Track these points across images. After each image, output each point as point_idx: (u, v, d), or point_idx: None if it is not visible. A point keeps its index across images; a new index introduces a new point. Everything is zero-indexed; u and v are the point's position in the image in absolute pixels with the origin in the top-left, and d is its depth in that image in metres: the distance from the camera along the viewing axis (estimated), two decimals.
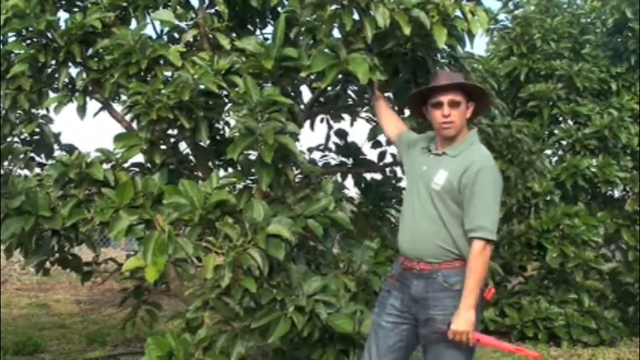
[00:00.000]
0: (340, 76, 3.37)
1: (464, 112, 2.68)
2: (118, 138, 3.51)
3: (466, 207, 2.56)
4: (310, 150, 4.49)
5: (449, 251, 2.60)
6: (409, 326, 2.67)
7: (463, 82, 2.71)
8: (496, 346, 2.67)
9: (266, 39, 3.70)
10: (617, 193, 6.84)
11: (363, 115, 4.25)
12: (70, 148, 4.06)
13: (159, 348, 3.10)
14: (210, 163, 3.94)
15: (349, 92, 4.05)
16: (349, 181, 4.48)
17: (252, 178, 3.71)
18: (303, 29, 3.34)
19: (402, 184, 4.50)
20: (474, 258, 2.52)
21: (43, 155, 4.07)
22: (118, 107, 3.85)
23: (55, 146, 4.07)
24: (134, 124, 3.64)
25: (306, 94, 3.92)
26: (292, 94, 3.55)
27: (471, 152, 2.65)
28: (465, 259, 2.59)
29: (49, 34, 3.52)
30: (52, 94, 3.74)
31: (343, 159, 4.48)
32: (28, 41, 3.57)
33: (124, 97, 3.66)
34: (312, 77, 3.42)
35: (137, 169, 3.73)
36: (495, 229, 2.55)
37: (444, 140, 2.71)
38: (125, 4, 3.65)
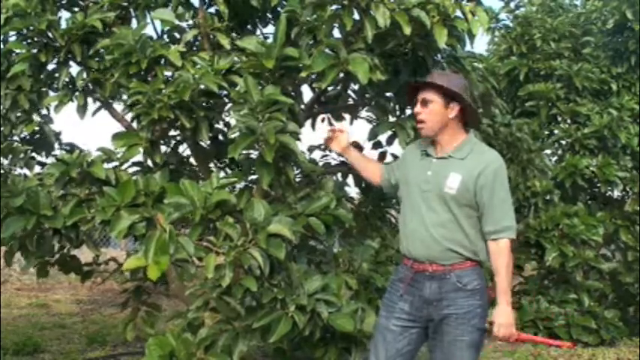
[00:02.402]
0: (341, 75, 3.37)
1: (437, 112, 2.67)
2: (116, 137, 3.50)
3: (487, 209, 2.58)
4: (311, 150, 4.49)
5: (461, 254, 2.63)
6: (418, 329, 2.69)
7: (432, 80, 2.69)
8: (535, 341, 2.74)
9: (266, 39, 3.71)
10: (616, 193, 6.84)
11: (364, 114, 4.26)
12: (70, 147, 4.07)
13: (160, 348, 3.10)
14: (210, 163, 3.95)
15: (350, 92, 4.06)
16: (350, 181, 4.48)
17: (252, 177, 3.71)
18: (303, 29, 3.35)
19: None
20: (503, 256, 2.59)
21: (43, 154, 4.07)
22: (118, 107, 3.87)
23: (56, 145, 4.08)
24: (134, 124, 3.64)
25: (307, 94, 3.93)
26: (293, 93, 3.55)
27: (479, 153, 2.66)
28: (478, 259, 2.62)
29: (49, 34, 3.53)
30: (52, 94, 3.75)
31: (344, 159, 4.48)
32: (29, 40, 3.57)
33: (124, 97, 3.67)
34: (313, 77, 3.43)
35: (138, 169, 3.73)
36: (514, 226, 2.65)
37: (444, 142, 2.71)
38: (126, 3, 3.66)
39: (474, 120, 2.82)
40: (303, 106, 3.80)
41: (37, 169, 4.02)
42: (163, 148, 3.78)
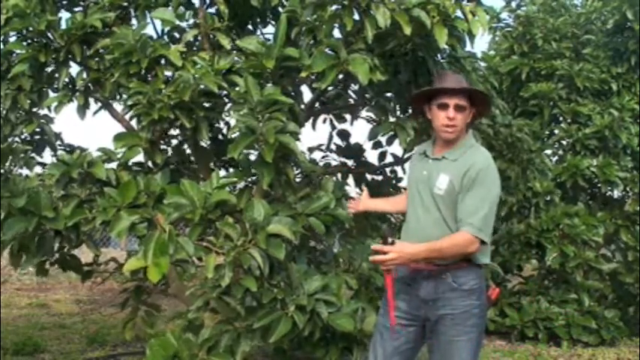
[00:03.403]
0: (341, 75, 3.37)
1: (466, 117, 2.68)
2: (117, 137, 3.51)
3: (459, 203, 2.57)
4: (311, 150, 4.50)
5: None
6: (415, 328, 2.69)
7: (471, 88, 2.72)
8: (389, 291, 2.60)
9: (266, 39, 3.71)
10: (617, 193, 6.84)
11: (364, 114, 4.26)
12: (70, 148, 4.07)
13: (163, 349, 3.09)
14: (210, 163, 3.95)
15: (350, 92, 4.06)
16: (350, 182, 4.49)
17: (252, 177, 3.71)
18: (303, 29, 3.35)
19: (402, 184, 4.52)
20: (453, 239, 2.52)
21: (44, 154, 4.08)
22: (118, 107, 3.87)
23: (57, 145, 4.08)
24: (134, 123, 3.64)
25: (307, 94, 3.93)
26: (293, 93, 3.56)
27: (470, 155, 2.65)
28: (472, 260, 2.62)
29: (49, 34, 3.53)
30: (52, 94, 3.75)
31: (344, 159, 4.48)
32: (29, 41, 3.58)
33: (124, 97, 3.67)
34: (313, 77, 3.43)
35: (139, 169, 3.73)
36: (484, 228, 2.54)
37: (444, 143, 2.70)
38: (126, 3, 3.66)
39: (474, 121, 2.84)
40: (303, 106, 3.80)
41: (38, 169, 4.02)
42: (163, 147, 3.78)
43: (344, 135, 4.50)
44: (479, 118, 2.89)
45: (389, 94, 3.85)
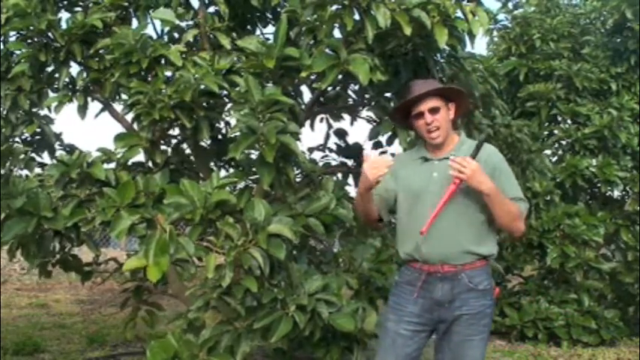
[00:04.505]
0: (341, 75, 3.37)
1: (446, 116, 2.70)
2: (118, 137, 3.51)
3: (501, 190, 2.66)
4: (311, 150, 4.49)
5: (473, 252, 2.63)
6: (427, 333, 2.71)
7: (436, 88, 2.71)
8: None
9: (266, 39, 3.71)
10: (616, 193, 6.84)
11: (364, 114, 4.26)
12: (70, 148, 4.07)
13: (163, 351, 3.08)
14: (210, 163, 3.95)
15: (349, 92, 4.06)
16: (350, 181, 4.49)
17: (252, 177, 3.71)
18: (303, 29, 3.35)
19: None
20: (515, 205, 2.64)
21: (44, 155, 4.07)
22: (118, 107, 3.87)
23: (57, 146, 4.08)
24: (134, 123, 3.64)
25: (307, 94, 3.93)
26: (293, 93, 3.56)
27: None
28: (488, 255, 2.68)
29: (49, 34, 3.53)
30: (52, 94, 3.75)
31: (344, 159, 4.48)
32: (29, 41, 3.57)
33: (124, 97, 3.67)
34: (313, 77, 3.43)
35: (139, 169, 3.73)
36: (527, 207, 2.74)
37: (437, 146, 2.71)
38: (126, 3, 3.66)
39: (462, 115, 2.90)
40: (303, 107, 3.80)
41: (38, 170, 4.01)
42: (164, 148, 3.78)
43: (341, 134, 4.50)
44: (465, 110, 2.89)
45: (389, 94, 3.85)
